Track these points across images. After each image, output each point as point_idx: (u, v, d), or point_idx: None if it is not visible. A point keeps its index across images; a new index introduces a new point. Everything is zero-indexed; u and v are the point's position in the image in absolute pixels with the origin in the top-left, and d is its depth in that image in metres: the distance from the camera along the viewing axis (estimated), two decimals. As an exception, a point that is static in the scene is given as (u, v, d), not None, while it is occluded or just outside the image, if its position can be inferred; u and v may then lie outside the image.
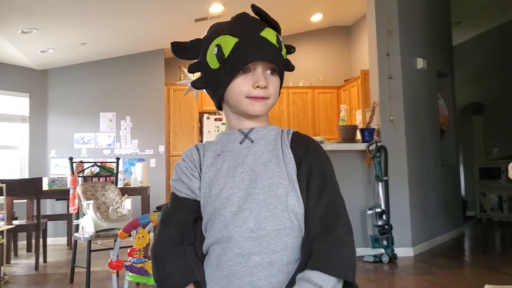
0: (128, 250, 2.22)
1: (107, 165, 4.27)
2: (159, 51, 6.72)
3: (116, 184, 3.90)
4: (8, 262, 4.43)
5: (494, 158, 6.95)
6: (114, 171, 4.01)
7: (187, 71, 1.03)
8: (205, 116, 6.72)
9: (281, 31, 0.95)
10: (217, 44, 0.89)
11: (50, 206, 6.02)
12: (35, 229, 4.32)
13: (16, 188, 4.17)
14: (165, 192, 6.47)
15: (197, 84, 0.96)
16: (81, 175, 3.83)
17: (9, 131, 6.05)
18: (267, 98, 0.91)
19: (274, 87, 0.93)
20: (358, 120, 5.97)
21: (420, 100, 4.80)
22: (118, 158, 4.08)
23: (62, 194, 4.55)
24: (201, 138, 6.83)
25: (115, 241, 2.54)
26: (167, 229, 0.93)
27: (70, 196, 3.70)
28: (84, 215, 3.41)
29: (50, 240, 5.51)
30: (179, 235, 0.92)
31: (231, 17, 0.95)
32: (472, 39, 7.69)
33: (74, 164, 3.79)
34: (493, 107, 7.31)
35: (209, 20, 5.69)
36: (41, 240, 4.47)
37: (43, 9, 4.53)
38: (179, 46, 0.95)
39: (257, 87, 0.89)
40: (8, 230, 4.03)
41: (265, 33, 0.89)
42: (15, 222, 4.47)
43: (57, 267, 4.33)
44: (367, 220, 4.23)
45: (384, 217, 4.06)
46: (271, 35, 0.90)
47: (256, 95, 0.90)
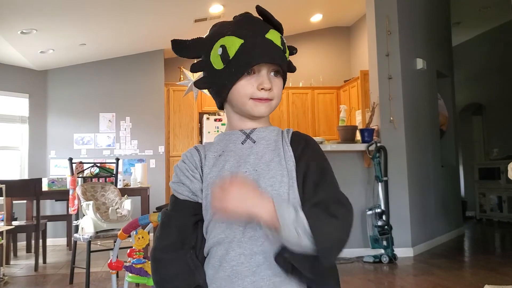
0: (128, 250, 2.22)
1: (107, 165, 4.26)
2: (159, 52, 6.72)
3: (115, 185, 3.90)
4: (7, 262, 4.43)
5: (494, 159, 6.95)
6: (114, 172, 4.01)
7: (188, 71, 1.03)
8: (205, 116, 6.72)
9: (283, 32, 0.96)
10: (221, 45, 0.89)
11: (49, 207, 6.01)
12: (34, 229, 4.31)
13: (15, 188, 4.16)
14: (164, 192, 6.47)
15: (200, 84, 0.96)
16: (80, 175, 3.83)
17: (9, 132, 6.04)
18: (271, 100, 0.92)
19: (278, 88, 0.93)
20: (358, 120, 5.98)
21: (420, 101, 4.80)
22: (117, 159, 4.08)
23: (61, 195, 4.55)
24: (201, 138, 6.83)
25: (115, 242, 2.53)
26: (167, 233, 0.92)
27: (70, 196, 3.70)
28: (84, 215, 3.41)
29: (49, 241, 5.50)
30: (180, 239, 0.91)
31: (234, 16, 0.94)
32: (472, 40, 7.69)
33: (74, 165, 3.78)
34: (493, 108, 7.32)
35: (209, 21, 5.70)
36: (40, 240, 4.46)
37: (43, 9, 4.53)
38: (179, 44, 0.95)
39: (261, 89, 0.89)
40: (7, 231, 4.03)
41: (270, 35, 0.90)
42: (15, 223, 4.47)
43: (57, 267, 4.33)
44: (367, 221, 4.23)
45: (384, 217, 4.06)
46: (276, 37, 0.90)
47: (260, 97, 0.90)
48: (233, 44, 0.88)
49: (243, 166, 0.89)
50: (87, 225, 3.33)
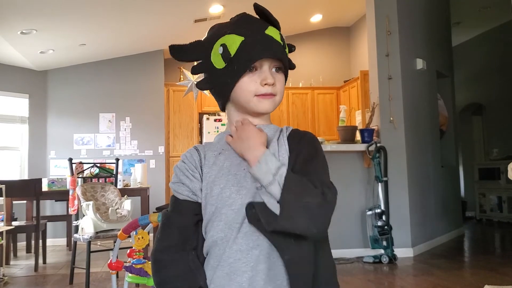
0: (128, 251, 2.22)
1: (107, 166, 4.27)
2: (159, 52, 6.72)
3: (115, 185, 3.90)
4: (7, 263, 4.43)
5: (494, 159, 6.95)
6: (114, 172, 4.01)
7: (188, 71, 1.03)
8: (204, 117, 6.72)
9: (280, 30, 0.96)
10: (222, 44, 0.90)
11: (49, 207, 6.01)
12: (34, 230, 4.31)
13: (15, 189, 4.16)
14: (164, 193, 6.47)
15: (202, 85, 0.96)
16: (80, 176, 3.83)
17: (9, 132, 6.04)
18: (274, 95, 0.92)
19: (281, 84, 0.94)
20: (358, 120, 5.98)
21: (420, 101, 4.80)
22: (117, 159, 4.08)
23: (61, 195, 4.55)
24: (200, 139, 6.83)
25: (115, 242, 2.53)
26: (168, 233, 0.92)
27: (70, 197, 3.69)
28: (84, 216, 3.41)
29: (49, 241, 5.50)
30: (181, 240, 0.91)
31: (231, 18, 0.95)
32: (472, 40, 7.69)
33: (74, 165, 3.78)
34: (492, 108, 7.32)
35: (209, 21, 5.70)
36: (40, 241, 4.46)
37: (43, 9, 4.53)
38: (178, 49, 0.95)
39: (265, 84, 0.90)
40: (7, 231, 4.03)
41: (269, 31, 0.91)
42: (15, 223, 4.47)
43: (57, 268, 4.33)
44: (367, 221, 4.23)
45: (383, 217, 4.07)
46: (275, 33, 0.91)
47: (264, 92, 0.90)
48: (233, 42, 0.88)
49: (242, 163, 0.89)
50: (87, 226, 3.33)
